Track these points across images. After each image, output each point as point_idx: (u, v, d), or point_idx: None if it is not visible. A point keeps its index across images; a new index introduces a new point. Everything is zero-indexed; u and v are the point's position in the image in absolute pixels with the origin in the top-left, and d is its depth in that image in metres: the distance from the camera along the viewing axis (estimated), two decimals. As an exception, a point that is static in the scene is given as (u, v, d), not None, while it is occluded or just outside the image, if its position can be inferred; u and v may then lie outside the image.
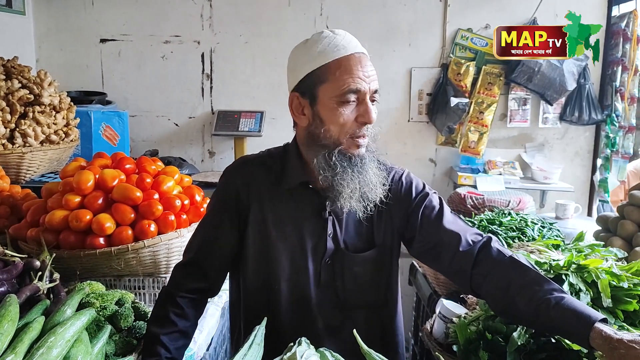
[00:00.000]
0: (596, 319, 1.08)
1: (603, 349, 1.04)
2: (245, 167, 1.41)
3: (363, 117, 1.25)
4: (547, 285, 1.20)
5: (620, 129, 3.30)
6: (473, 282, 1.30)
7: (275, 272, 1.36)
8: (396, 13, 3.61)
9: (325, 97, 1.24)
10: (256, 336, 1.19)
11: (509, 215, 2.27)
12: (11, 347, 1.07)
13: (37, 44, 3.76)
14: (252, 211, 1.36)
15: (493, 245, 1.32)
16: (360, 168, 1.27)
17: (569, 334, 1.14)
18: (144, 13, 3.71)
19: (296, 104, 1.30)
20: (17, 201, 2.08)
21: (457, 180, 3.45)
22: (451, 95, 3.50)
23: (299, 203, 1.36)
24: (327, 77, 1.23)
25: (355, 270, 1.38)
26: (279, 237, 1.36)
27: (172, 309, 1.35)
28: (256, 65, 3.71)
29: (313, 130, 1.28)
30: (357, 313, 1.41)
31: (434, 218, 1.38)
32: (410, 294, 2.93)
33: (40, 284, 1.40)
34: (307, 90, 1.26)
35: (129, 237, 1.73)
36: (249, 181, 1.37)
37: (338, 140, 1.26)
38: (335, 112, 1.23)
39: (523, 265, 1.26)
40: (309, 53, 1.25)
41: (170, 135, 3.84)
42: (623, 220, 2.12)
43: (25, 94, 2.48)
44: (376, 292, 1.43)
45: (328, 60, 1.23)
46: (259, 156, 1.45)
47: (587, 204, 3.65)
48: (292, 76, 1.31)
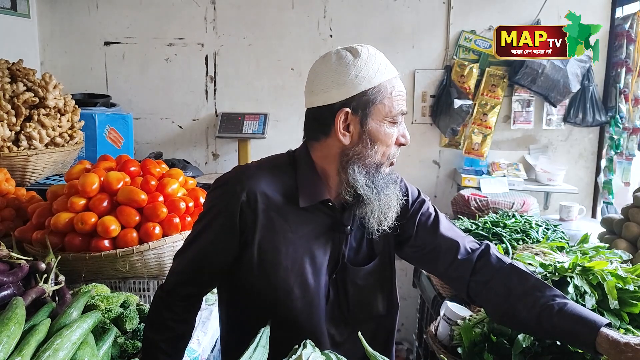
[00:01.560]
0: (601, 323, 1.08)
1: (610, 353, 1.04)
2: (249, 182, 1.25)
3: (404, 139, 1.26)
4: (549, 291, 1.20)
5: (625, 131, 3.28)
6: (471, 289, 1.30)
7: (282, 292, 1.28)
8: (399, 15, 3.61)
9: (379, 116, 1.21)
10: (261, 338, 1.19)
11: (513, 217, 2.27)
12: (18, 349, 1.07)
13: (42, 46, 3.77)
14: (258, 230, 1.25)
15: (492, 252, 1.32)
16: (396, 186, 1.28)
17: (574, 340, 1.14)
18: (148, 16, 3.72)
19: (343, 120, 1.21)
20: (22, 204, 2.09)
21: (460, 182, 3.45)
22: (455, 97, 3.50)
23: (311, 219, 1.29)
24: (384, 97, 1.20)
25: (359, 283, 1.34)
26: (289, 255, 1.27)
27: (168, 315, 1.32)
28: (260, 67, 3.71)
29: (359, 149, 1.22)
30: (363, 327, 1.31)
31: (431, 225, 1.37)
32: (414, 297, 2.93)
33: (46, 286, 1.41)
34: (360, 107, 1.20)
35: (133, 240, 1.73)
36: (254, 198, 1.24)
37: (381, 160, 1.24)
38: (387, 132, 1.22)
39: (523, 272, 1.26)
40: (364, 68, 1.19)
41: (174, 138, 3.85)
42: (628, 222, 2.12)
43: (30, 97, 2.49)
44: (380, 304, 1.39)
45: (384, 80, 1.21)
46: (263, 168, 1.30)
47: (591, 205, 3.64)
48: (334, 89, 1.20)
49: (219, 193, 1.29)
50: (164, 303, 1.34)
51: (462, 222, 2.29)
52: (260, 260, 1.27)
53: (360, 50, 1.22)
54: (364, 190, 1.22)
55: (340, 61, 1.21)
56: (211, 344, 1.80)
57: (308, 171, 1.28)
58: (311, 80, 1.26)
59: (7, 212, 2.03)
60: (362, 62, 1.20)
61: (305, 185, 1.27)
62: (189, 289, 1.34)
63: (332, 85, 1.20)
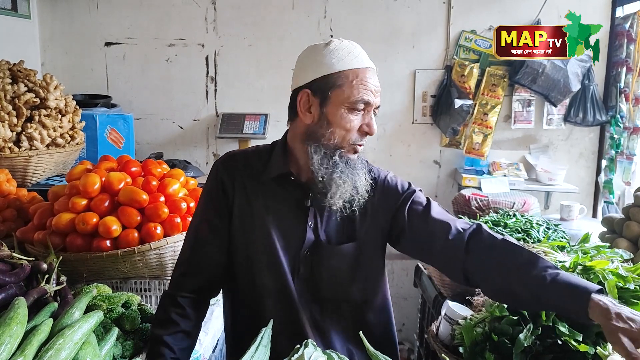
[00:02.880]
0: (593, 289, 1.10)
1: (601, 320, 1.06)
2: (230, 160, 1.44)
3: (367, 128, 1.33)
4: (541, 263, 1.21)
5: (625, 130, 3.28)
6: (466, 268, 1.32)
7: (257, 263, 1.39)
8: (400, 15, 3.61)
9: (337, 100, 1.29)
10: (263, 338, 1.20)
11: (514, 216, 2.27)
12: (20, 349, 1.07)
13: (43, 47, 3.78)
14: (236, 203, 1.40)
15: (484, 230, 1.35)
16: (355, 171, 1.33)
17: (567, 309, 1.15)
18: (149, 16, 3.73)
19: (304, 101, 1.33)
20: (23, 204, 2.09)
21: (461, 182, 3.45)
22: (455, 97, 3.50)
23: (281, 194, 1.39)
24: (343, 83, 1.29)
25: (332, 263, 1.39)
26: (259, 227, 1.38)
27: (173, 309, 1.37)
28: (260, 67, 3.72)
29: (317, 129, 1.32)
30: (339, 307, 1.42)
31: (422, 212, 1.41)
32: (415, 296, 2.93)
33: (48, 286, 1.41)
34: (320, 90, 1.30)
35: (135, 240, 1.74)
36: (233, 173, 1.41)
37: (340, 143, 1.32)
38: (343, 117, 1.30)
39: (516, 247, 1.29)
40: (328, 55, 1.30)
41: (175, 138, 3.86)
42: (629, 221, 2.12)
43: (31, 98, 2.49)
44: (356, 288, 1.43)
45: (346, 68, 1.29)
46: (245, 150, 1.50)
47: (592, 205, 3.64)
48: (303, 73, 1.34)
49: (209, 174, 1.46)
50: (169, 298, 1.40)
51: (463, 222, 2.29)
52: (239, 233, 1.40)
53: (335, 41, 1.34)
54: (317, 168, 1.31)
55: (312, 49, 1.35)
56: (212, 344, 1.80)
57: (280, 149, 1.42)
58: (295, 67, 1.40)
59: (8, 212, 2.04)
60: (327, 51, 1.31)
61: (275, 159, 1.41)
62: (194, 280, 1.41)
63: (301, 70, 1.35)
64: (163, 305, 1.41)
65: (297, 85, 1.35)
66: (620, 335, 1.02)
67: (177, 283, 1.42)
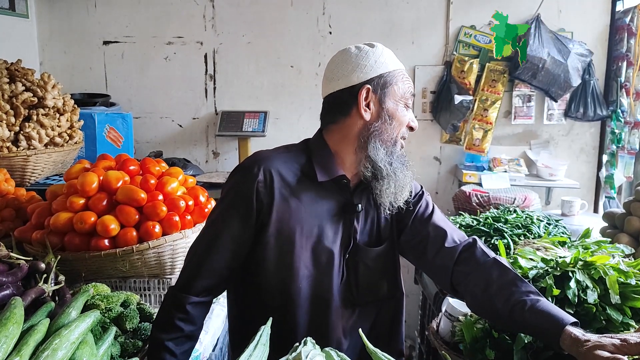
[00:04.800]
0: (568, 322, 1.13)
1: (571, 350, 1.09)
2: (265, 162, 1.33)
3: (414, 123, 1.40)
4: (525, 287, 1.25)
5: (626, 125, 3.27)
6: (454, 278, 1.36)
7: (297, 271, 1.33)
8: (399, 11, 3.60)
9: (395, 97, 1.35)
10: (261, 336, 1.19)
11: (515, 212, 2.26)
12: (16, 349, 1.07)
13: (41, 46, 3.77)
14: (274, 209, 1.31)
15: (478, 246, 1.38)
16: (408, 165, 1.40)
17: (541, 335, 1.19)
18: (147, 15, 3.72)
19: (365, 97, 1.34)
20: (22, 204, 2.08)
21: (462, 178, 3.44)
22: (455, 93, 3.49)
23: (326, 198, 1.36)
24: (397, 81, 1.36)
25: (369, 264, 1.40)
26: (303, 233, 1.32)
27: (177, 314, 1.32)
28: (259, 65, 3.70)
29: (379, 125, 1.33)
30: (369, 309, 1.44)
31: (425, 215, 1.44)
32: (416, 293, 2.93)
33: (46, 286, 1.41)
34: (379, 87, 1.34)
35: (133, 239, 1.73)
36: (270, 177, 1.31)
37: (396, 138, 1.37)
38: (401, 112, 1.36)
39: (504, 267, 1.32)
40: (382, 56, 1.37)
41: (174, 137, 3.85)
42: (630, 216, 2.10)
43: (29, 97, 2.48)
44: (385, 286, 1.45)
45: (396, 67, 1.38)
46: (280, 151, 1.39)
47: (593, 200, 3.63)
48: (360, 71, 1.34)
49: (237, 177, 1.35)
50: (175, 302, 1.34)
51: (463, 218, 2.28)
52: (276, 239, 1.32)
53: (376, 44, 1.41)
54: (383, 163, 1.32)
55: (359, 51, 1.38)
56: (212, 343, 1.80)
57: (323, 152, 1.37)
58: (331, 70, 1.38)
59: (6, 212, 2.03)
60: (378, 52, 1.38)
61: (322, 163, 1.36)
62: (204, 281, 1.34)
63: (353, 70, 1.34)
64: (167, 307, 1.35)
65: (347, 85, 1.34)
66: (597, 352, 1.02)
67: (185, 284, 1.35)
